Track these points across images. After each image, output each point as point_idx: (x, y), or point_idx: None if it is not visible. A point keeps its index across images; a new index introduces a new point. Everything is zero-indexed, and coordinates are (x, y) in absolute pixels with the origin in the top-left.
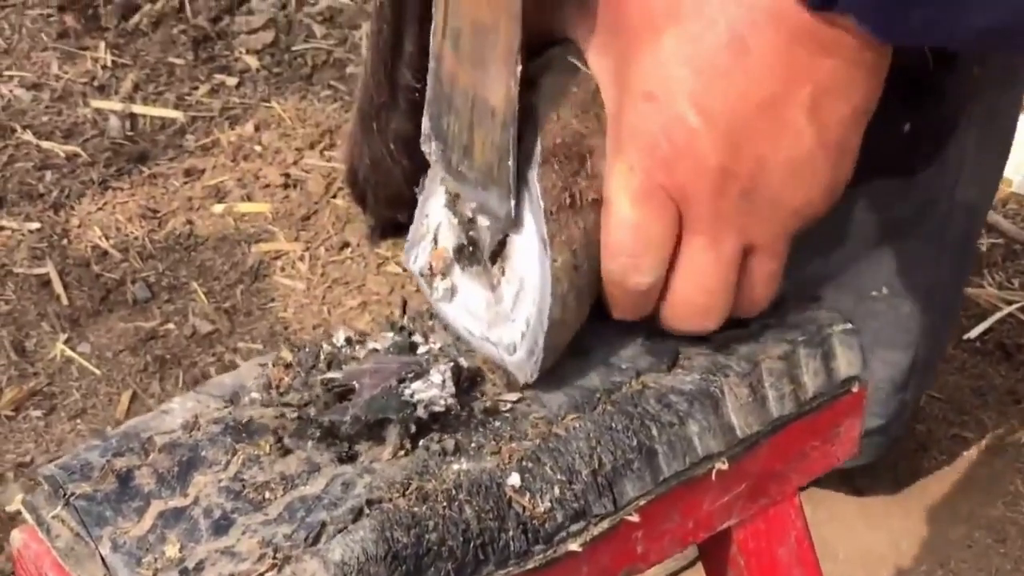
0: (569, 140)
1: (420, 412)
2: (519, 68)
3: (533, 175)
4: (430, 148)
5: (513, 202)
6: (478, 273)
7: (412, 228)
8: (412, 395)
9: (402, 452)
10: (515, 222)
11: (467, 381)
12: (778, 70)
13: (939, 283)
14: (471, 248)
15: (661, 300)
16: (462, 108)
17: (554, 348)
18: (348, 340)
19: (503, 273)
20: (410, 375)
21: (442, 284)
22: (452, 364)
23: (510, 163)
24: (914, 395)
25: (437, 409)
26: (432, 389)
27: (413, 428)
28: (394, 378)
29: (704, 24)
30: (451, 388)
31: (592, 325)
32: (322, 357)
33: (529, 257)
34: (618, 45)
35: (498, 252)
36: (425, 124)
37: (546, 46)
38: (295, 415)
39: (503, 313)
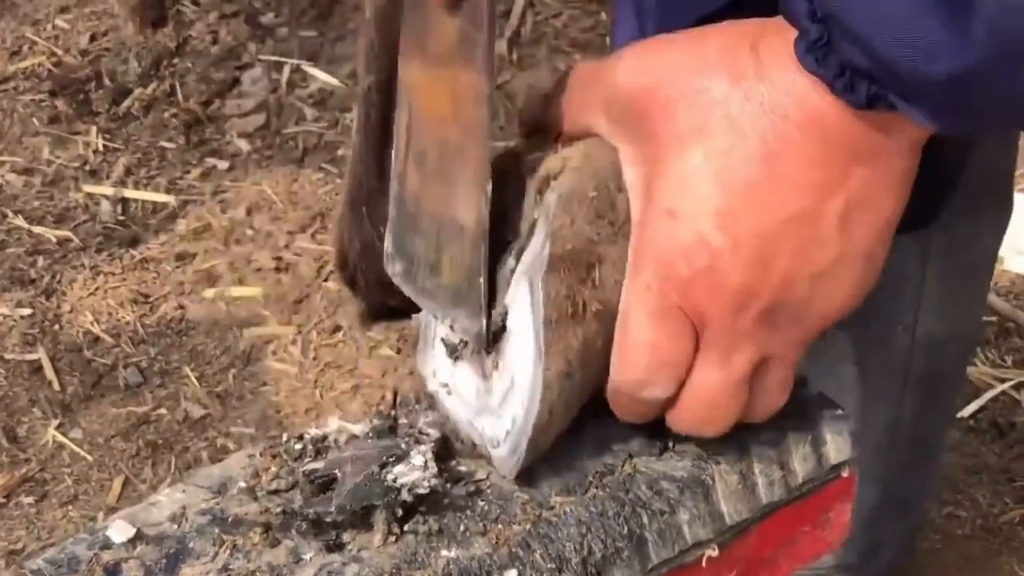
0: (580, 247)
1: (405, 496)
2: (489, 187)
3: (538, 280)
4: (393, 268)
5: (485, 321)
6: (471, 359)
7: (420, 328)
8: (395, 479)
9: (392, 537)
10: (487, 341)
11: (454, 460)
12: (811, 183)
13: (901, 421)
14: (465, 344)
15: (668, 406)
16: (428, 228)
17: (537, 451)
18: (338, 428)
19: (496, 367)
20: (391, 459)
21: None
22: (432, 443)
23: (480, 281)
24: (891, 534)
25: (421, 491)
26: (415, 472)
27: (400, 512)
28: (375, 464)
29: (734, 138)
30: (433, 468)
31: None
32: (309, 446)
33: (523, 359)
34: (647, 154)
35: (493, 343)
36: (388, 244)
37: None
38: (279, 509)
39: (491, 407)
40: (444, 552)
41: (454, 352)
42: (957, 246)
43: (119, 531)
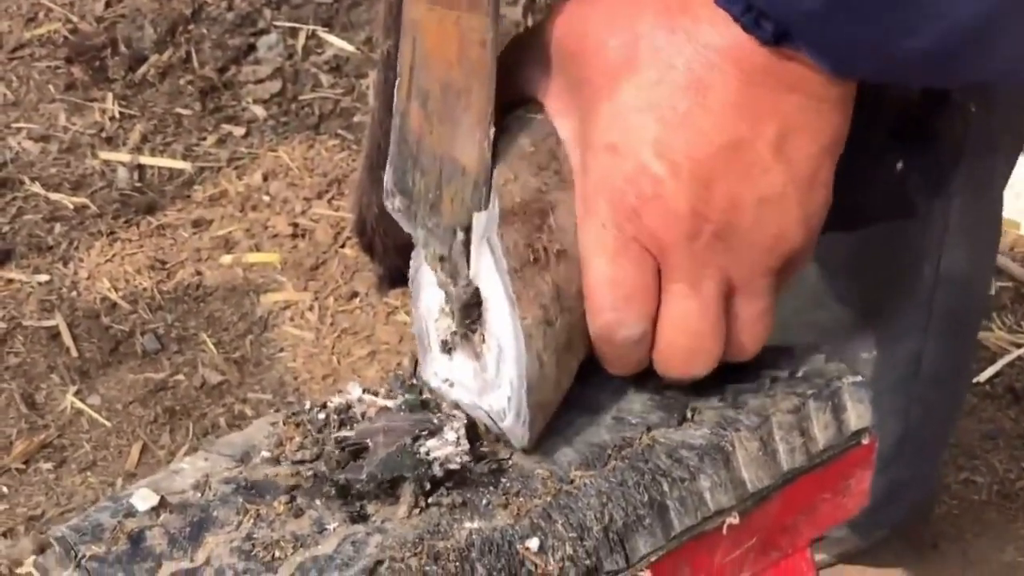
0: (528, 198)
1: (436, 470)
2: (492, 130)
3: (493, 236)
4: (393, 204)
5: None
6: (462, 346)
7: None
8: (428, 453)
9: (416, 510)
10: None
11: (480, 440)
12: (740, 110)
13: (924, 354)
14: (458, 334)
15: (652, 350)
16: (430, 166)
17: (541, 407)
18: (359, 398)
19: (483, 340)
20: (424, 433)
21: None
22: (466, 422)
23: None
24: (911, 477)
25: (452, 467)
26: (447, 447)
27: (428, 486)
28: (408, 436)
29: (661, 69)
30: (465, 445)
31: (600, 379)
32: (333, 415)
33: (502, 319)
34: (579, 102)
35: (476, 319)
36: (388, 179)
37: (512, 106)
38: (310, 473)
39: (489, 380)
40: (467, 524)
41: (447, 345)
42: (977, 182)
43: (143, 499)
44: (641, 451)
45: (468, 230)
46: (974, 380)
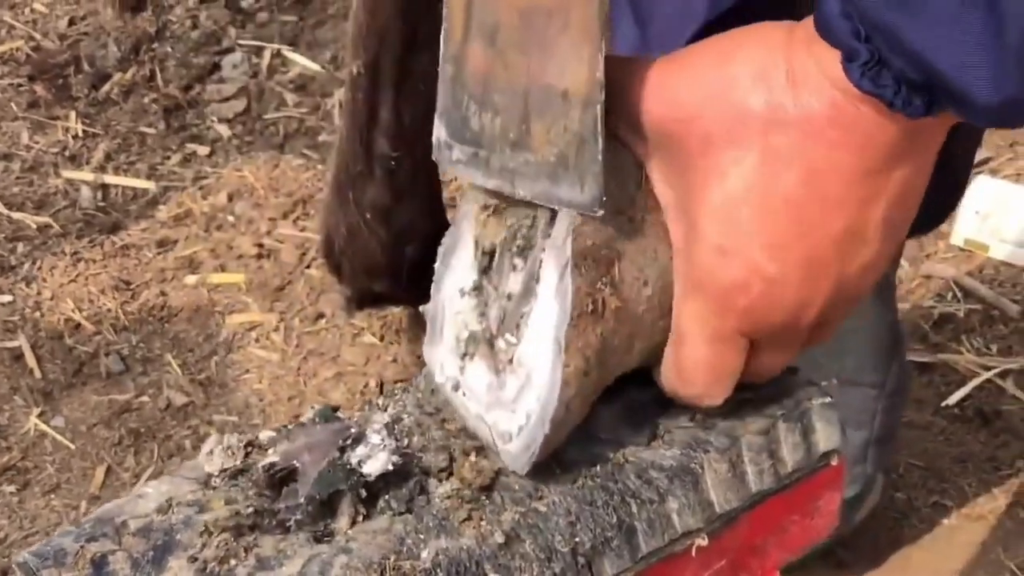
0: (599, 242)
1: (370, 478)
2: (604, 46)
3: (565, 275)
4: (451, 155)
5: (601, 182)
6: (483, 354)
7: (429, 319)
8: (359, 463)
9: (360, 518)
10: (602, 204)
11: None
12: (855, 198)
13: (892, 378)
14: (485, 335)
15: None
16: (508, 103)
17: (550, 447)
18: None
19: (511, 362)
20: (348, 442)
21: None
22: (387, 420)
23: (598, 143)
24: (877, 466)
25: (389, 469)
26: (377, 451)
27: (364, 494)
28: (334, 448)
29: (777, 167)
30: (391, 444)
31: None
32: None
33: (541, 355)
34: (679, 176)
35: (507, 333)
36: (441, 132)
37: None
38: (250, 508)
39: (504, 401)
40: (433, 543)
41: (466, 350)
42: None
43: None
44: (611, 470)
45: (552, 215)
46: (943, 403)
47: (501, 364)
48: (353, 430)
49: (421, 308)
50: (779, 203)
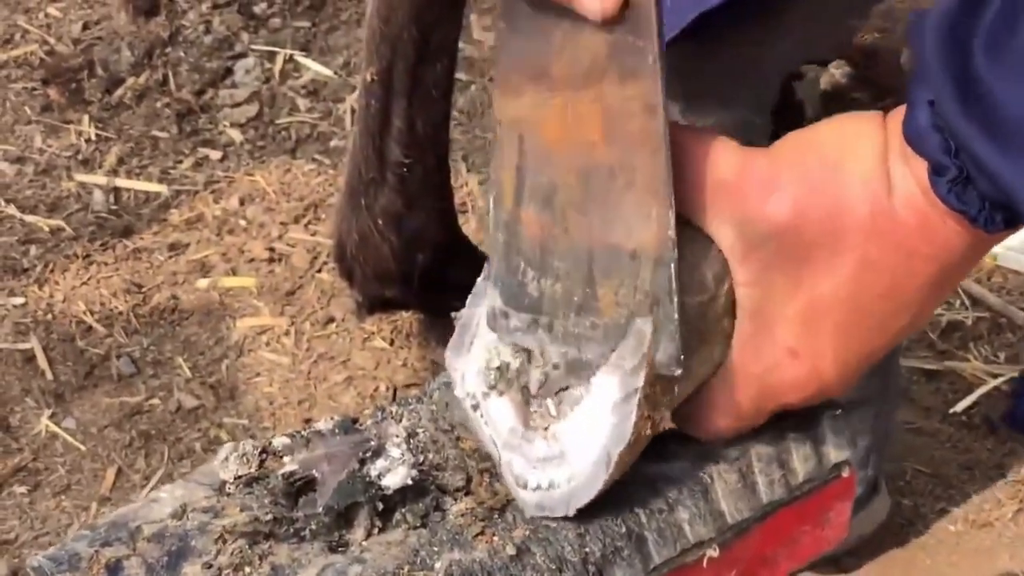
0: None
1: (388, 491)
2: (673, 201)
3: (632, 404)
4: (508, 323)
5: (678, 340)
6: (514, 399)
7: (459, 325)
8: (379, 475)
9: (375, 530)
10: (680, 364)
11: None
12: (926, 300)
13: (892, 373)
14: (517, 376)
15: None
16: (570, 267)
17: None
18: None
19: (544, 428)
20: (368, 455)
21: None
22: (406, 434)
23: (674, 302)
24: (877, 468)
25: (408, 483)
26: (397, 465)
27: (381, 507)
28: (354, 460)
29: (866, 280)
30: (410, 458)
31: None
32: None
33: (584, 450)
34: (769, 283)
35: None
36: (496, 301)
37: None
38: (268, 516)
39: (527, 454)
40: (447, 555)
41: (496, 384)
42: None
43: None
44: (619, 482)
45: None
46: (951, 410)
47: (533, 423)
48: (372, 443)
49: (453, 314)
50: (861, 314)
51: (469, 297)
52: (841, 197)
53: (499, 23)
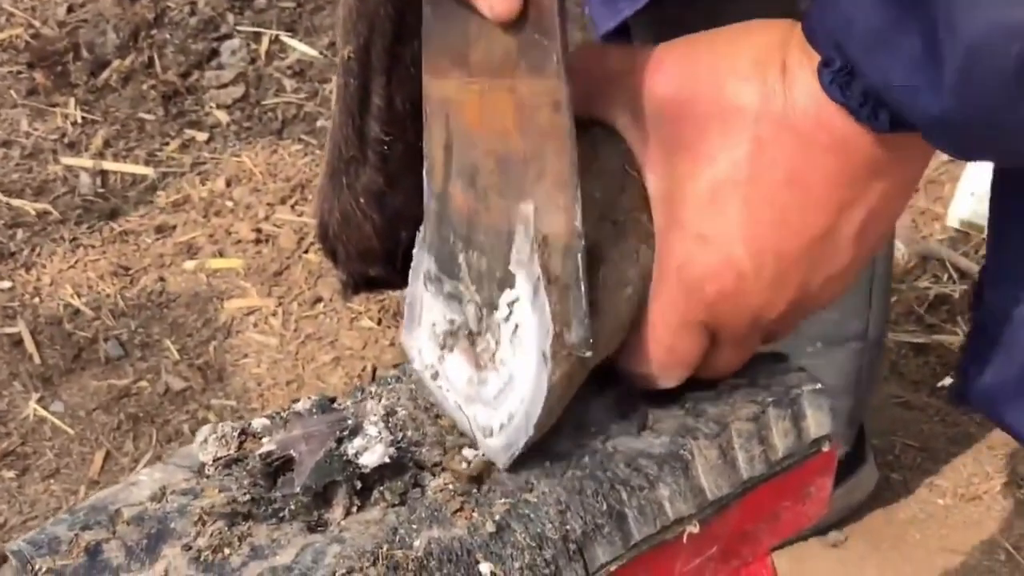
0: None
1: (366, 469)
2: (579, 194)
3: (541, 292)
4: (441, 288)
5: (587, 324)
6: (463, 348)
7: (407, 305)
8: (356, 454)
9: (354, 509)
10: (590, 346)
11: (398, 425)
12: (835, 202)
13: (872, 321)
14: (459, 330)
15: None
16: (492, 244)
17: (530, 444)
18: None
19: (492, 360)
20: (345, 433)
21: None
22: (384, 412)
23: (581, 289)
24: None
25: (386, 461)
26: (374, 444)
27: (358, 485)
28: (331, 439)
29: (764, 163)
30: (388, 436)
31: None
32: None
33: (524, 361)
34: (673, 170)
35: (486, 333)
36: (431, 265)
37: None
38: (247, 497)
39: (484, 397)
40: (425, 532)
41: (445, 342)
42: None
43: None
44: (600, 460)
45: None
46: (939, 384)
47: (482, 361)
48: (350, 421)
49: (400, 292)
50: (763, 198)
51: (410, 273)
52: (730, 72)
53: (425, 7)
